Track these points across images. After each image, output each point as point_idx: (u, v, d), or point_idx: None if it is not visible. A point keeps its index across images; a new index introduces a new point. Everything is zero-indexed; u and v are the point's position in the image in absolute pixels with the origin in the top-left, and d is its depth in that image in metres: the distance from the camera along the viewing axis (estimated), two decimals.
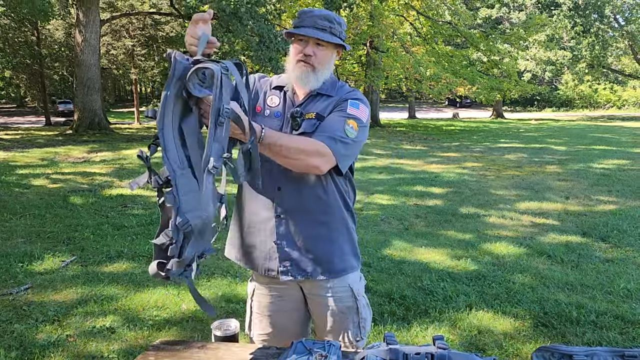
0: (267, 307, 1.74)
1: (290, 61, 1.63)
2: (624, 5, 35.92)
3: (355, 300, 1.70)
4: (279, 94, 1.68)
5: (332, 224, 1.66)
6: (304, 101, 1.64)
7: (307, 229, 1.64)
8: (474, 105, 46.76)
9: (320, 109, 1.61)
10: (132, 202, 6.66)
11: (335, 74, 1.81)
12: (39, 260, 4.36)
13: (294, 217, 1.62)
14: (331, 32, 1.57)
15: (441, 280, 3.93)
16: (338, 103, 1.62)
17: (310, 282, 1.68)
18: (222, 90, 1.16)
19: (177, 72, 1.18)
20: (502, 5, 32.70)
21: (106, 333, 3.05)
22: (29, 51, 24.34)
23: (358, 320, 1.71)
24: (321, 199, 1.63)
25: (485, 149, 14.03)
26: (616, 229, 5.44)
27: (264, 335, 1.76)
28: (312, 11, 1.59)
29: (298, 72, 1.60)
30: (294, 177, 1.59)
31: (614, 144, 14.86)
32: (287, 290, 1.72)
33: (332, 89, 1.66)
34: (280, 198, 1.61)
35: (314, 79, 1.60)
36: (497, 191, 7.72)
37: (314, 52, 1.58)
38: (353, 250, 1.72)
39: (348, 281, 1.70)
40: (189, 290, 1.28)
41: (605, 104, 44.08)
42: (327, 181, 1.63)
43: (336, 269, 1.67)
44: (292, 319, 1.76)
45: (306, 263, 1.64)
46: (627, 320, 3.22)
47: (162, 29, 27.02)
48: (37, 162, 10.48)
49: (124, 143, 14.81)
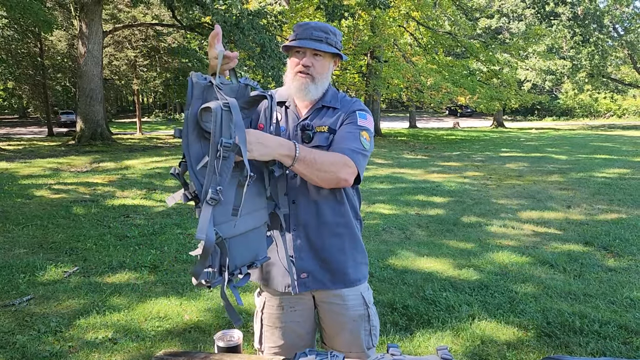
0: (279, 318, 1.73)
1: (289, 74, 1.65)
2: (623, 15, 36.12)
3: (367, 309, 1.71)
4: (280, 110, 1.69)
5: (345, 234, 1.68)
6: (309, 114, 1.66)
7: (322, 241, 1.65)
8: (475, 114, 46.87)
9: (331, 123, 1.63)
10: (134, 212, 6.67)
11: (334, 85, 1.85)
12: (42, 270, 4.36)
13: (309, 229, 1.64)
14: (327, 42, 1.60)
15: (444, 290, 3.92)
16: (347, 115, 1.64)
17: (324, 291, 1.69)
18: (221, 126, 1.22)
19: (196, 93, 1.24)
20: (501, 15, 32.92)
21: (108, 344, 3.04)
22: (31, 62, 24.50)
23: (369, 328, 1.71)
24: (334, 210, 1.65)
25: (486, 158, 14.04)
26: (618, 237, 5.43)
27: (275, 348, 1.74)
28: (308, 24, 1.62)
29: (297, 83, 1.62)
30: (308, 190, 1.61)
31: (615, 153, 14.87)
32: (299, 300, 1.72)
33: (335, 100, 1.68)
34: (295, 211, 1.63)
35: (314, 88, 1.62)
36: (498, 200, 7.72)
37: (312, 62, 1.60)
38: (364, 259, 1.75)
39: (360, 289, 1.71)
40: (221, 297, 1.35)
41: (606, 112, 44.16)
42: (340, 192, 1.65)
43: (351, 278, 1.69)
44: (304, 329, 1.74)
45: (322, 274, 1.65)
46: (630, 330, 3.21)
47: (164, 40, 27.19)
48: (39, 172, 10.50)
49: (126, 153, 14.86)
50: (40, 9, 15.13)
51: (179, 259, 4.73)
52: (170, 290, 3.94)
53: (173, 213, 6.64)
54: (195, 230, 4.49)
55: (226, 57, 1.32)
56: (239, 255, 1.34)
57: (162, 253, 4.90)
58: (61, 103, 33.63)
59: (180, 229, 5.80)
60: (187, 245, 5.16)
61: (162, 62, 28.44)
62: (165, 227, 5.86)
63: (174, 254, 4.88)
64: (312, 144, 1.60)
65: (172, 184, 9.03)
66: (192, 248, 5.06)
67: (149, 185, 8.95)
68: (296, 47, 1.62)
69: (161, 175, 10.14)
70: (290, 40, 1.63)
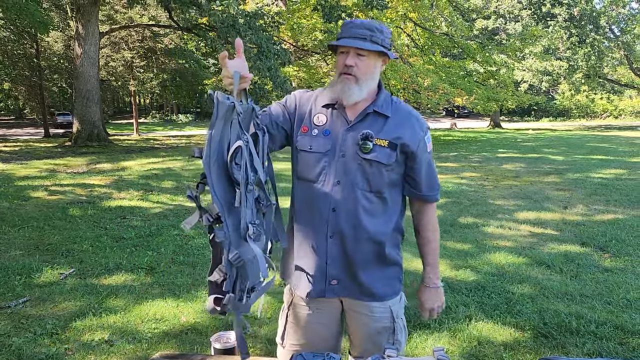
0: (305, 318, 1.71)
1: (335, 75, 1.60)
2: (619, 16, 36.25)
3: (393, 322, 1.69)
4: (325, 112, 1.64)
5: (381, 248, 1.64)
6: (359, 119, 1.60)
7: (356, 253, 1.62)
8: (472, 115, 46.94)
9: (392, 138, 1.58)
10: (131, 214, 6.66)
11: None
12: (38, 272, 4.34)
13: (346, 239, 1.60)
14: (372, 40, 1.52)
15: None
16: (418, 139, 1.61)
17: (352, 299, 1.67)
18: (246, 164, 1.26)
19: (220, 113, 1.23)
20: (498, 16, 32.99)
21: (105, 346, 3.03)
22: (28, 63, 24.44)
23: (392, 342, 1.69)
24: (375, 223, 1.61)
25: (483, 159, 14.07)
26: (615, 238, 5.44)
27: (297, 346, 1.72)
28: (353, 22, 1.55)
29: (341, 84, 1.56)
30: (349, 199, 1.58)
31: (611, 154, 14.91)
32: (327, 303, 1.69)
33: (387, 107, 1.62)
34: (335, 219, 1.59)
35: (357, 90, 1.55)
36: (495, 201, 7.73)
37: (355, 62, 1.54)
38: (397, 273, 1.71)
39: (389, 303, 1.69)
40: (235, 326, 1.35)
41: (602, 113, 44.31)
42: (384, 205, 1.63)
43: (379, 293, 1.66)
44: (328, 331, 1.72)
45: (352, 284, 1.64)
46: (626, 330, 3.22)
47: (161, 41, 27.19)
48: (35, 173, 10.47)
49: (123, 154, 14.84)
50: (37, 9, 15.11)
51: (176, 260, 4.72)
52: (167, 292, 3.93)
53: (170, 214, 6.63)
54: (192, 232, 4.50)
55: (243, 77, 1.32)
56: (252, 276, 1.33)
57: (158, 255, 4.88)
58: (57, 104, 33.61)
59: (177, 230, 5.79)
60: (184, 246, 5.15)
61: (159, 63, 28.43)
62: (162, 229, 5.85)
63: (171, 255, 4.87)
64: (371, 156, 1.56)
65: (169, 186, 9.01)
66: (188, 249, 5.06)
67: (146, 186, 8.93)
68: (340, 47, 1.56)
69: (158, 177, 10.12)
70: (336, 39, 1.58)
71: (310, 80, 20.89)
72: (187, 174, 10.62)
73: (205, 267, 4.34)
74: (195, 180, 8.81)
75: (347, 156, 1.58)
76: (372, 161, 1.56)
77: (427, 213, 1.71)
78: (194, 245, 5.18)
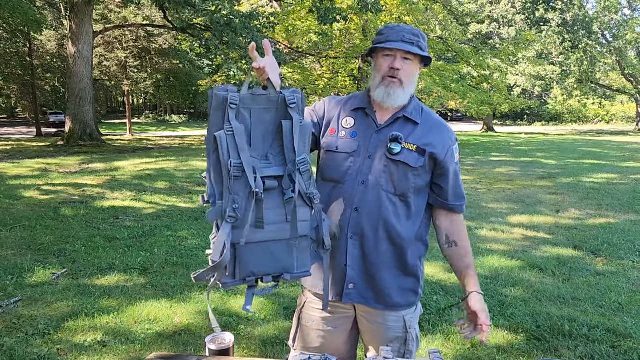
0: (317, 321, 1.69)
1: (375, 78, 1.58)
2: (612, 22, 36.58)
3: (406, 332, 1.66)
4: (354, 115, 1.64)
5: (400, 256, 1.61)
6: (390, 123, 1.60)
7: (375, 256, 1.59)
8: (465, 119, 47.19)
9: (421, 143, 1.57)
10: (123, 214, 6.62)
11: (328, 87, 1.82)
12: (30, 272, 4.31)
13: (366, 240, 1.58)
14: (418, 46, 1.53)
15: (434, 294, 3.94)
16: (446, 148, 1.61)
17: (366, 307, 1.65)
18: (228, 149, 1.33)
19: (214, 104, 1.33)
20: (492, 21, 33.18)
21: (97, 347, 3.01)
22: (20, 62, 24.30)
23: (404, 352, 1.67)
24: (397, 228, 1.59)
25: (476, 163, 14.13)
26: (607, 242, 5.49)
27: (307, 349, 1.70)
28: (399, 26, 1.55)
29: (385, 88, 1.55)
30: (373, 200, 1.57)
31: (603, 158, 15.04)
32: (339, 307, 1.68)
33: (417, 113, 1.62)
34: (357, 219, 1.57)
35: (402, 94, 1.55)
36: (488, 204, 7.77)
37: (401, 66, 1.53)
38: (414, 285, 1.67)
39: (402, 312, 1.66)
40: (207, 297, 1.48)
41: (594, 118, 44.70)
42: (409, 211, 1.61)
43: (393, 302, 1.63)
44: (340, 336, 1.71)
45: (367, 290, 1.62)
46: (618, 333, 3.24)
47: (155, 41, 27.10)
48: (27, 173, 10.39)
49: (116, 155, 14.76)
50: (30, 8, 15.02)
51: (169, 261, 4.70)
52: (160, 292, 3.91)
53: (163, 215, 6.60)
54: (185, 233, 4.49)
55: (255, 69, 1.37)
56: (254, 263, 1.37)
57: (152, 255, 4.86)
58: (50, 103, 33.39)
59: (170, 231, 5.77)
60: (178, 247, 5.13)
61: (153, 63, 28.33)
62: (155, 229, 5.82)
63: (164, 256, 4.85)
64: (398, 158, 1.55)
65: (162, 186, 8.98)
66: (182, 250, 5.04)
67: (139, 186, 8.88)
68: (386, 50, 1.54)
69: (151, 177, 10.08)
70: (377, 43, 1.55)
71: (304, 82, 20.87)
72: (180, 174, 10.58)
73: (199, 268, 4.33)
74: (189, 181, 8.74)
75: (374, 157, 1.57)
76: (399, 162, 1.55)
77: (459, 223, 1.67)
78: (188, 246, 5.16)
